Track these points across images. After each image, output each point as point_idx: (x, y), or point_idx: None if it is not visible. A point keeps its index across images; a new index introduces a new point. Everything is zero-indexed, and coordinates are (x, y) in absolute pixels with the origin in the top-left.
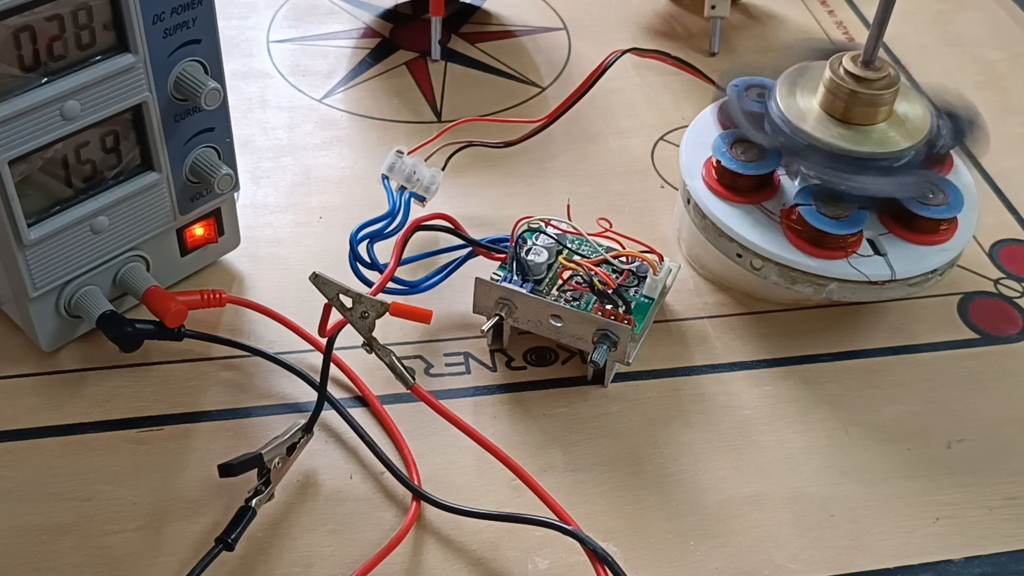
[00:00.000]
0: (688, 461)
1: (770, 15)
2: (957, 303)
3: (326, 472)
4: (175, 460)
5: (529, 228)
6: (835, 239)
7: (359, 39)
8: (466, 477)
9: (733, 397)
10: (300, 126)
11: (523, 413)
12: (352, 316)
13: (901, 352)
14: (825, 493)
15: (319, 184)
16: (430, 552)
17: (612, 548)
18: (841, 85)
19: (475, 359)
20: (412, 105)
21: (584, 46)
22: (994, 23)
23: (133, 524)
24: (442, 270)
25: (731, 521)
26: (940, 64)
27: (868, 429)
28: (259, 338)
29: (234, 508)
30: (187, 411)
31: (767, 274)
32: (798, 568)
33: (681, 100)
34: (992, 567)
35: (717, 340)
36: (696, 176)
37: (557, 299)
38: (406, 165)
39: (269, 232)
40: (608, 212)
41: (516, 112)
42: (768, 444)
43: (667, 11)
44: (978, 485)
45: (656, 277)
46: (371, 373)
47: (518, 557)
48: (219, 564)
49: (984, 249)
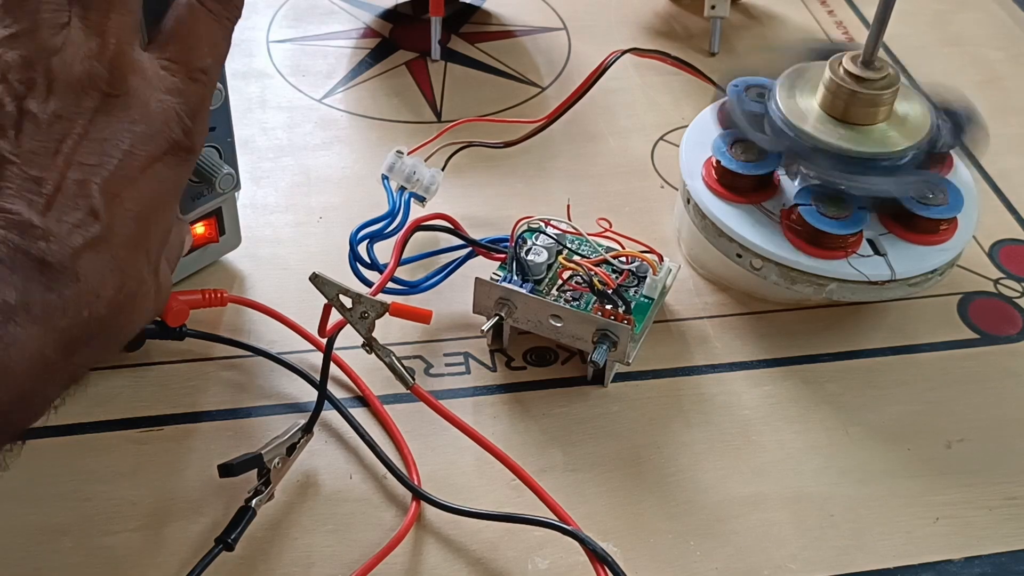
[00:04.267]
0: (688, 461)
1: (770, 15)
2: (957, 303)
3: (326, 472)
4: (175, 460)
5: (529, 228)
6: (835, 239)
7: (359, 39)
8: (466, 477)
9: (733, 397)
10: (300, 126)
11: (523, 413)
12: (352, 316)
13: (901, 352)
14: (825, 493)
15: (319, 184)
16: (430, 552)
17: (612, 548)
18: (841, 85)
19: (475, 359)
20: (412, 105)
21: (584, 46)
22: (994, 23)
23: (133, 524)
24: (442, 270)
25: (731, 521)
26: (940, 64)
27: (868, 429)
28: (260, 338)
29: (234, 508)
30: (187, 411)
31: (767, 274)
32: (798, 568)
33: (681, 100)
34: (992, 567)
35: (717, 340)
36: (696, 176)
37: (557, 299)
38: (406, 165)
39: (269, 232)
40: (608, 212)
41: (516, 112)
42: (768, 444)
43: (667, 11)
44: (978, 485)
45: (656, 277)
46: (371, 373)
47: (518, 557)
48: (219, 564)
49: (984, 249)
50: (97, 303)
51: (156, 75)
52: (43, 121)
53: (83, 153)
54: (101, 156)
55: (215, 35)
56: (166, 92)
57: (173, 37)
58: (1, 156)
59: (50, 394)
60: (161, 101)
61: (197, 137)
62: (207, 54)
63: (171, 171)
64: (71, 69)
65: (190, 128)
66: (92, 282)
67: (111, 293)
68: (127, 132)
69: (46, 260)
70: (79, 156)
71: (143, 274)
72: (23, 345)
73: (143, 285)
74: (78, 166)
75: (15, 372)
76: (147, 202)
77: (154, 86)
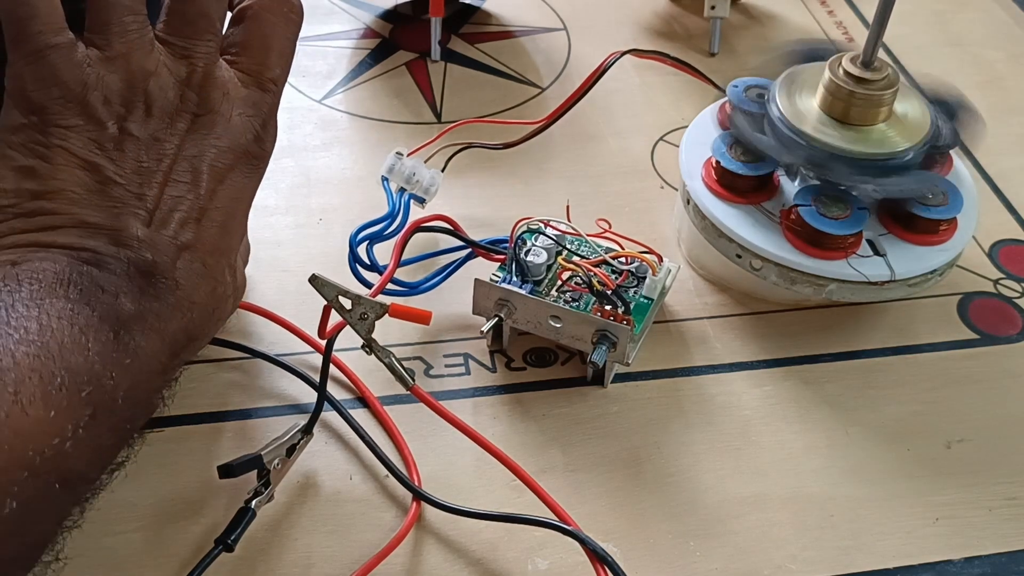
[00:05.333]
0: (688, 461)
1: (770, 15)
2: (957, 303)
3: (326, 473)
4: (175, 461)
5: (528, 229)
6: (835, 239)
7: (359, 39)
8: (466, 477)
9: (733, 397)
10: (300, 127)
11: (523, 414)
12: (351, 318)
13: (901, 352)
14: (825, 493)
15: (319, 185)
16: (430, 552)
17: (612, 548)
18: (840, 86)
19: (475, 360)
20: (412, 106)
21: (584, 46)
22: (994, 23)
23: (133, 525)
24: (442, 271)
25: (731, 521)
26: (940, 64)
27: (868, 429)
28: (259, 339)
29: (234, 509)
30: (187, 412)
31: (767, 274)
32: (798, 568)
33: (681, 100)
34: (992, 567)
35: (717, 340)
36: (696, 176)
37: (556, 300)
38: (406, 166)
39: (269, 234)
40: (607, 213)
41: (516, 113)
42: (768, 444)
43: (667, 11)
44: (978, 485)
45: (655, 278)
46: (371, 374)
47: (518, 557)
48: (219, 565)
49: (984, 249)
50: (194, 308)
51: (235, 88)
52: (143, 142)
53: (177, 171)
54: (192, 172)
55: (283, 43)
56: (242, 104)
57: (245, 48)
58: (107, 176)
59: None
60: (240, 114)
61: (268, 144)
62: (276, 63)
63: (246, 179)
64: (166, 94)
65: (262, 137)
66: (188, 289)
67: (204, 298)
68: (213, 148)
69: (152, 272)
70: (174, 174)
71: (226, 277)
72: (145, 354)
73: (226, 287)
74: (173, 183)
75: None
76: (227, 210)
77: (233, 100)
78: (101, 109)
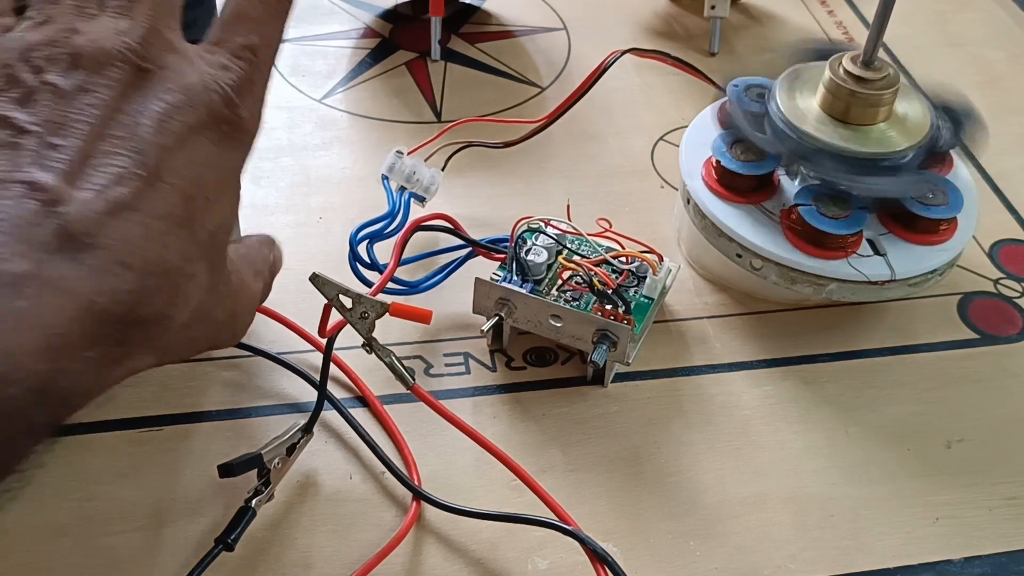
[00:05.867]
0: (688, 461)
1: (770, 15)
2: (957, 303)
3: (326, 472)
4: (175, 460)
5: (529, 228)
6: (835, 239)
7: (359, 39)
8: (466, 477)
9: (733, 397)
10: (300, 126)
11: (523, 413)
12: (352, 316)
13: (901, 352)
14: (825, 493)
15: (319, 184)
16: (430, 552)
17: (612, 548)
18: (841, 85)
19: (475, 359)
20: (412, 105)
21: (584, 46)
22: (994, 23)
23: (133, 524)
24: (442, 270)
25: (731, 521)
26: (940, 64)
27: (868, 429)
28: (259, 338)
29: (234, 508)
30: (187, 411)
31: (767, 274)
32: (798, 568)
33: (681, 100)
34: (992, 567)
35: (717, 340)
36: (696, 176)
37: (557, 299)
38: (406, 165)
39: (269, 233)
40: (608, 212)
41: (516, 112)
42: (768, 444)
43: (667, 11)
44: (978, 485)
45: (656, 277)
46: (371, 373)
47: (518, 557)
48: (219, 564)
49: (984, 249)
50: (125, 274)
51: (197, 55)
52: (67, 92)
53: (114, 125)
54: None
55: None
56: (204, 63)
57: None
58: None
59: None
60: (201, 73)
61: (244, 112)
62: (251, 31)
63: (215, 147)
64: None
65: (235, 102)
66: (117, 251)
67: (140, 264)
68: (161, 101)
69: (67, 228)
70: (110, 128)
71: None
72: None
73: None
74: (108, 137)
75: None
76: (189, 177)
77: (195, 64)
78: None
